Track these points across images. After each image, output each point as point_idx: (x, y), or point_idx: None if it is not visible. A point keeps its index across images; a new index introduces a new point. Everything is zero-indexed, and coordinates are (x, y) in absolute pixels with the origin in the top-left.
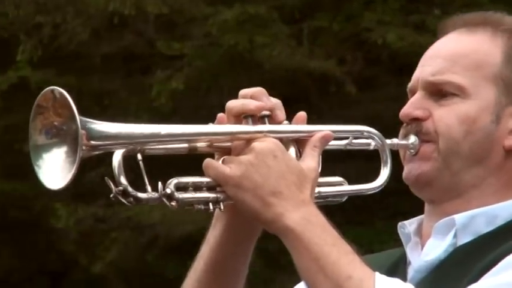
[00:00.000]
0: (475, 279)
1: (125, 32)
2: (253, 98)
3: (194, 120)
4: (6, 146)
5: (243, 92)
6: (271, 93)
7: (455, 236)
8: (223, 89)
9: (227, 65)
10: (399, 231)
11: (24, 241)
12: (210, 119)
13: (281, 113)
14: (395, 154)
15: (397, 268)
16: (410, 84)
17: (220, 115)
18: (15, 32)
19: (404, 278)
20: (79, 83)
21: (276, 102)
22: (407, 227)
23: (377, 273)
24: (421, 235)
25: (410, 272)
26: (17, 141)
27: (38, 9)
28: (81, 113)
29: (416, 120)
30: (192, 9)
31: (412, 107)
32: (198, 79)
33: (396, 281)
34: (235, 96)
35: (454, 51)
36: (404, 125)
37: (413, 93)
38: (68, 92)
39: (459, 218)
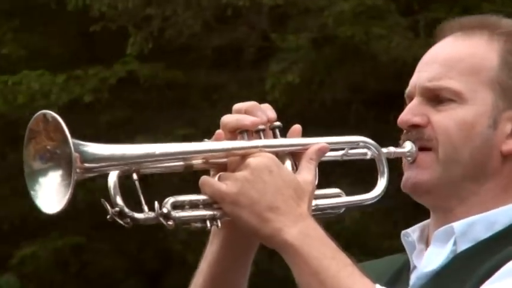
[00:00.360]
0: (475, 286)
1: (238, 24)
2: (247, 112)
3: (308, 113)
4: (110, 140)
5: (236, 106)
6: (385, 86)
7: (455, 243)
8: (336, 82)
9: (342, 57)
10: (403, 240)
11: (125, 239)
12: (322, 112)
13: (272, 113)
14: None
15: (400, 275)
16: (407, 90)
17: (218, 132)
18: (124, 25)
19: (407, 285)
20: (187, 77)
21: (265, 105)
22: (411, 235)
23: (377, 285)
24: (427, 242)
25: (413, 278)
26: (121, 136)
27: (148, 1)
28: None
29: (415, 127)
30: (306, 1)
31: (410, 113)
32: (311, 72)
33: None
34: (349, 90)
35: (450, 56)
36: (404, 132)
37: (410, 99)
38: (176, 86)
39: (458, 225)
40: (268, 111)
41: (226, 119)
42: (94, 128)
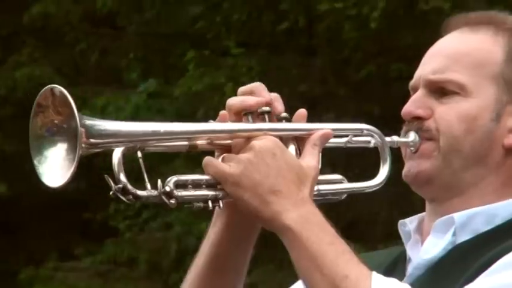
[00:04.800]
0: (472, 278)
1: None
2: (252, 93)
3: None
4: None
5: (242, 88)
6: None
7: (454, 234)
8: None
9: None
10: (399, 229)
11: None
12: None
13: (280, 105)
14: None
15: (396, 265)
16: (412, 82)
17: (222, 113)
18: None
19: (403, 275)
20: None
21: (274, 95)
22: (408, 224)
23: (374, 273)
24: (422, 233)
25: (409, 269)
26: None
27: None
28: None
29: (417, 118)
30: None
31: (414, 105)
32: None
33: (393, 281)
34: None
35: (455, 50)
36: (406, 122)
37: (415, 90)
38: None
39: (458, 216)
40: (272, 94)
41: (232, 101)
42: None
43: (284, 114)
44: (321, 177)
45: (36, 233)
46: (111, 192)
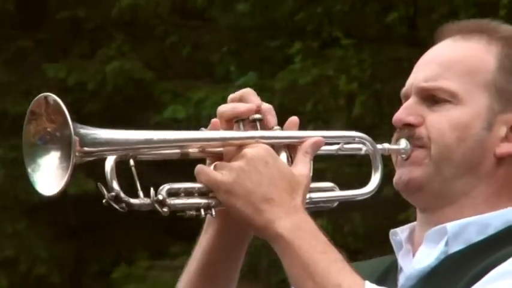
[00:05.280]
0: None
1: None
2: (242, 99)
3: None
4: None
5: (232, 95)
6: None
7: (446, 244)
8: None
9: None
10: (391, 239)
11: None
12: None
13: (272, 118)
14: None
15: (387, 275)
16: (403, 90)
17: (214, 120)
18: None
19: (394, 286)
20: None
21: (267, 107)
22: (399, 234)
23: (367, 282)
24: (413, 242)
25: (401, 279)
26: None
27: None
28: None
29: (408, 126)
30: None
31: (405, 112)
32: None
33: None
34: None
35: (447, 58)
36: (398, 130)
37: (406, 98)
38: None
39: (451, 226)
40: (265, 104)
41: (223, 108)
42: None
43: (276, 128)
44: (313, 185)
45: (127, 231)
46: (104, 201)
